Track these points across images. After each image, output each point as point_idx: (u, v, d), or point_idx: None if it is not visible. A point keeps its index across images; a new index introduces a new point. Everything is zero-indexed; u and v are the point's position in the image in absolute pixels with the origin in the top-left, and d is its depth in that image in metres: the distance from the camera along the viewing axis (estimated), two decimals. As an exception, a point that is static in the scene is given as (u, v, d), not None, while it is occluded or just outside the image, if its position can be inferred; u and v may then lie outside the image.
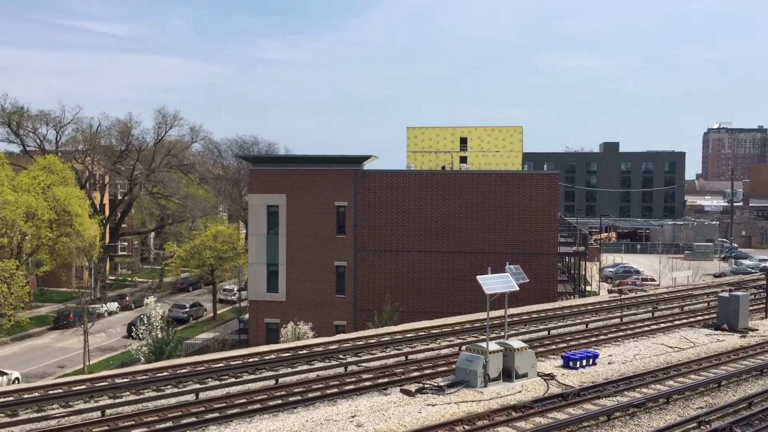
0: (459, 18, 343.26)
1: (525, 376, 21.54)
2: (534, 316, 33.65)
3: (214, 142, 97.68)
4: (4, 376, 40.79)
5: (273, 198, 49.68)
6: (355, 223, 48.76)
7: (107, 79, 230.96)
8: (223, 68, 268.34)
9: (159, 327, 41.75)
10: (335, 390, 20.77)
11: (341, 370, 23.26)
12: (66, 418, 18.17)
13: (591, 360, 23.60)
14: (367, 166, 50.90)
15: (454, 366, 22.06)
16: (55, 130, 77.34)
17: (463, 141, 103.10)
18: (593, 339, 28.00)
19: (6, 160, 62.72)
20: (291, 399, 19.83)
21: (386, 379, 21.92)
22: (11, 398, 19.68)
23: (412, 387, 20.67)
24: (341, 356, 25.18)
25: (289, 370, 23.26)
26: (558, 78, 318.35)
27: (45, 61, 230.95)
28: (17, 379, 41.94)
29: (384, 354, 25.59)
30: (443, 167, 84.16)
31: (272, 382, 21.78)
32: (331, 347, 26.45)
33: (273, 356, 24.96)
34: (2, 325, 42.63)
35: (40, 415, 18.42)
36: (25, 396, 19.84)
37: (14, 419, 18.07)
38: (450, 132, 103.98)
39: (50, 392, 20.29)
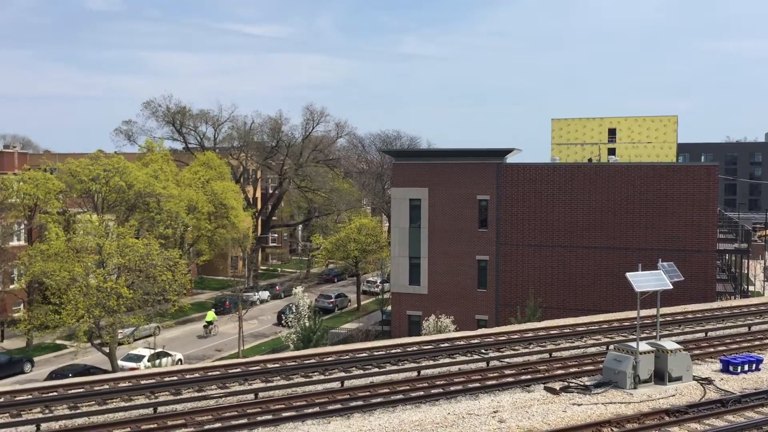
0: (605, 2, 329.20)
1: (679, 379, 20.35)
2: (689, 316, 31.70)
3: (359, 137, 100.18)
4: (169, 357, 44.10)
5: (415, 192, 50.14)
6: (497, 217, 48.20)
7: (259, 79, 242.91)
8: (366, 64, 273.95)
9: (307, 316, 43.46)
10: (477, 384, 20.65)
11: (483, 364, 23.10)
12: (223, 399, 19.33)
13: (754, 365, 21.89)
14: (510, 159, 50.11)
15: (600, 365, 21.26)
16: (213, 128, 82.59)
17: (612, 132, 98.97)
18: (756, 343, 25.95)
19: (171, 156, 67.66)
20: (433, 391, 19.94)
21: (529, 376, 21.51)
22: (175, 378, 21.22)
23: (557, 385, 20.14)
24: (483, 351, 24.99)
25: (431, 362, 23.39)
26: (717, 62, 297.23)
27: (204, 63, 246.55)
28: (180, 360, 45.21)
29: (527, 350, 25.13)
30: (590, 159, 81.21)
31: (414, 373, 22.01)
32: (472, 341, 26.32)
33: (415, 348, 25.20)
34: (167, 310, 46.07)
35: (200, 394, 19.72)
36: (187, 376, 21.30)
37: (177, 397, 19.47)
38: (597, 123, 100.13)
39: (209, 374, 21.64)
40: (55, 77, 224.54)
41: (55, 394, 19.40)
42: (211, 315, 57.53)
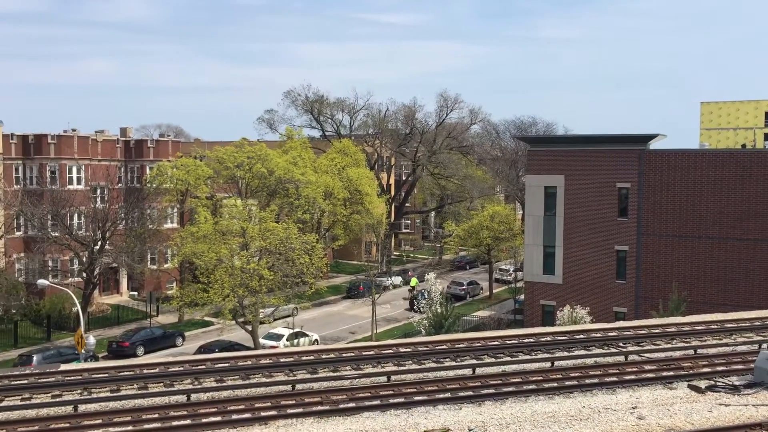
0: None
1: (843, 384, 18.64)
2: None
3: (492, 124, 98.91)
4: (306, 337, 45.85)
5: (551, 179, 48.88)
6: (638, 206, 46.06)
7: (394, 67, 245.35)
8: (502, 49, 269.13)
9: (438, 302, 43.66)
10: (614, 378, 19.93)
11: (621, 358, 22.25)
12: (357, 380, 19.85)
13: None
14: (654, 145, 47.64)
15: (751, 365, 19.86)
16: (349, 116, 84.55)
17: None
18: None
19: (309, 144, 69.98)
20: (567, 383, 19.46)
21: (671, 373, 20.47)
22: (312, 357, 22.02)
23: (702, 383, 19.05)
24: (621, 344, 24.06)
25: (565, 353, 22.82)
26: None
27: (341, 52, 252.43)
28: (316, 340, 46.90)
29: (669, 345, 23.90)
30: (743, 145, 75.69)
31: (548, 364, 21.57)
32: (609, 334, 25.39)
33: (548, 338, 24.68)
34: (304, 292, 47.85)
35: (335, 374, 20.36)
36: (323, 356, 22.05)
37: (314, 376, 20.22)
38: (753, 106, 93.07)
39: (344, 355, 22.28)
40: (205, 70, 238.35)
41: (203, 367, 20.71)
42: (414, 281, 64.60)
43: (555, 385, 19.27)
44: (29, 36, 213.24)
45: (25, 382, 19.29)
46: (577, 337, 24.94)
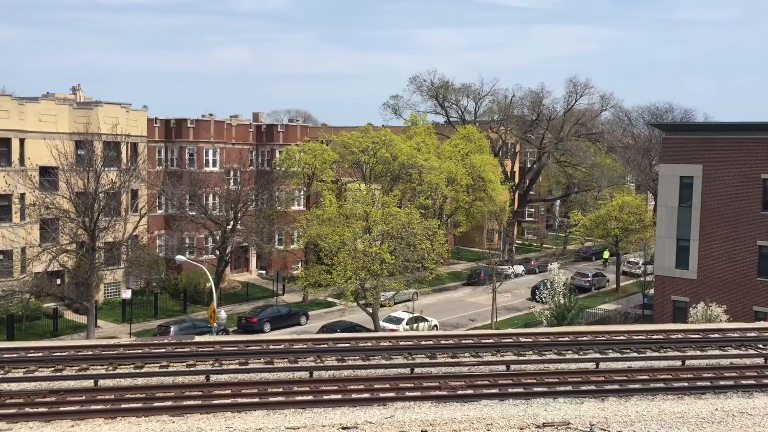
0: None
1: None
2: None
3: (625, 110, 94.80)
4: (426, 322, 46.11)
5: (687, 168, 46.25)
6: (785, 198, 42.69)
7: (521, 51, 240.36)
8: (635, 33, 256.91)
9: (561, 293, 42.58)
10: (752, 382, 18.71)
11: (760, 360, 20.85)
12: (475, 367, 19.77)
13: None
14: (805, 133, 43.91)
15: None
16: (474, 102, 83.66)
17: None
18: None
19: (433, 129, 69.96)
20: (699, 384, 18.48)
21: (818, 380, 18.94)
22: (431, 342, 22.14)
23: None
24: (761, 346, 22.52)
25: (698, 353, 21.66)
26: None
27: (467, 37, 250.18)
28: (436, 326, 47.06)
29: (816, 351, 22.12)
30: None
31: (678, 362, 20.57)
32: (748, 334, 23.83)
33: (679, 336, 23.51)
34: (425, 277, 48.09)
35: (453, 360, 20.37)
36: (442, 342, 22.12)
37: (433, 361, 20.33)
38: None
39: (463, 342, 22.25)
40: (332, 57, 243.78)
41: (325, 346, 21.33)
42: (606, 254, 66.92)
43: (685, 384, 18.35)
44: (175, 26, 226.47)
45: (163, 350, 20.64)
46: (712, 336, 23.61)
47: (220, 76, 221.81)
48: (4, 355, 19.66)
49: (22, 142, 47.76)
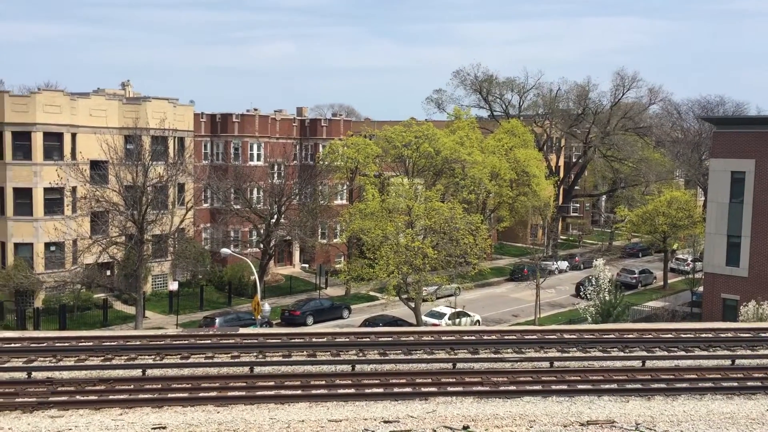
0: None
1: None
2: None
3: (674, 104, 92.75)
4: (468, 318, 45.91)
5: (739, 163, 45.04)
6: (842, 194, 41.27)
7: (569, 44, 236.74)
8: (689, 24, 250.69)
9: (607, 289, 41.94)
10: (805, 384, 18.16)
11: (814, 362, 20.20)
12: (518, 363, 19.62)
13: None
14: None
15: None
16: (518, 96, 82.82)
17: None
18: None
19: (476, 123, 69.50)
20: (749, 384, 18.03)
21: None
22: (473, 337, 22.04)
23: None
24: (815, 347, 21.84)
25: (748, 352, 21.13)
26: None
27: (514, 30, 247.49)
28: (478, 321, 46.84)
29: None
30: None
31: (728, 362, 20.11)
32: (802, 335, 23.14)
33: (729, 335, 22.97)
34: (468, 272, 47.86)
35: (496, 356, 20.25)
36: (485, 338, 22.01)
37: (475, 356, 20.24)
38: None
39: (505, 337, 22.11)
40: (375, 51, 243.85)
41: (367, 340, 21.42)
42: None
43: (735, 384, 17.93)
44: (221, 22, 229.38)
45: (209, 342, 20.99)
46: (763, 335, 22.99)
47: (265, 71, 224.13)
48: (57, 344, 20.25)
49: (73, 136, 49.02)
